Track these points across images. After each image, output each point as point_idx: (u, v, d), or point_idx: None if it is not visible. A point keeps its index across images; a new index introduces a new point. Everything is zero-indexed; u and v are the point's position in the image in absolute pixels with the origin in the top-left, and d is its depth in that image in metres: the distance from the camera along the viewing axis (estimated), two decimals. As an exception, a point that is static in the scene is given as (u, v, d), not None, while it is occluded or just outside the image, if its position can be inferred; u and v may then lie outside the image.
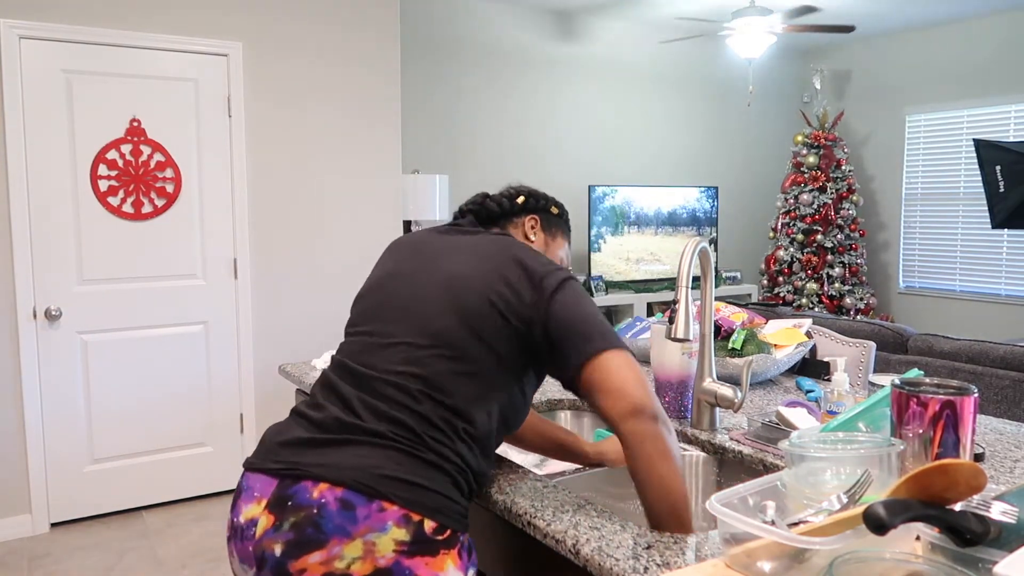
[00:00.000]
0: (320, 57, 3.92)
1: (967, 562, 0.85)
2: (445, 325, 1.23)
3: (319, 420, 1.20)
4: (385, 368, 1.22)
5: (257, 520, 1.14)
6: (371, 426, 1.16)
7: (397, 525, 1.09)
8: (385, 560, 1.08)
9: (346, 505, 1.09)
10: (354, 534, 1.08)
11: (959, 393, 1.13)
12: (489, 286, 1.25)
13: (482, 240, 1.36)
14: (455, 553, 1.14)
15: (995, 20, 5.66)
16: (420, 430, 1.16)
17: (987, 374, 3.01)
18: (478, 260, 1.30)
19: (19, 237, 3.31)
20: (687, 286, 1.45)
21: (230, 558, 1.21)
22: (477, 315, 1.22)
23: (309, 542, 1.08)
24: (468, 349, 1.21)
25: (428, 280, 1.30)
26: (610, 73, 5.84)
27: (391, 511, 1.09)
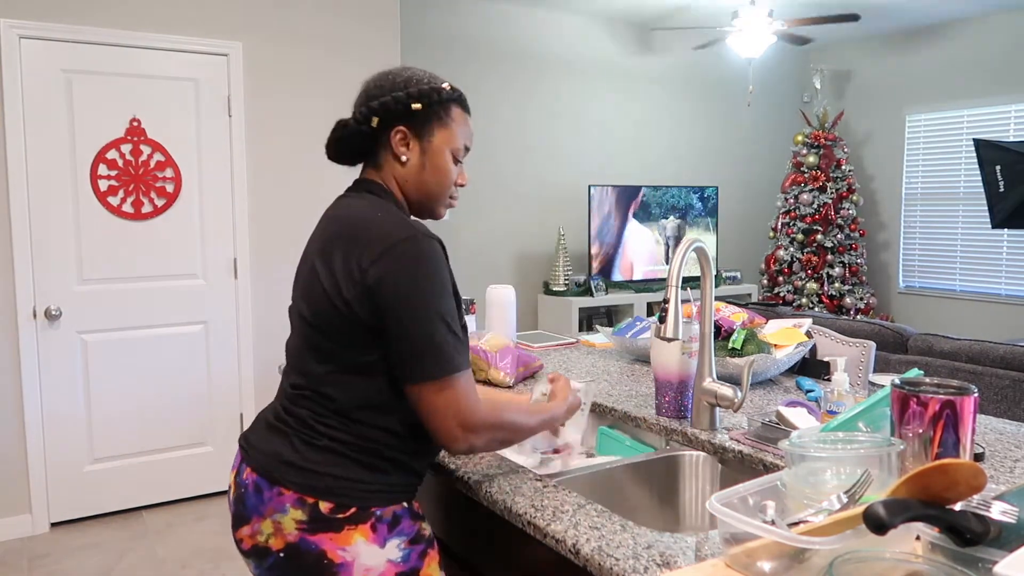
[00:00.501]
0: (320, 56, 3.92)
1: (967, 562, 0.85)
2: (308, 333, 1.30)
3: (275, 406, 1.35)
4: (289, 379, 1.34)
5: (231, 488, 1.34)
6: (285, 416, 1.30)
7: (294, 507, 1.22)
8: (292, 536, 1.22)
9: (257, 488, 1.26)
10: (265, 514, 1.24)
11: (959, 393, 1.13)
12: (328, 289, 1.25)
13: (332, 221, 1.33)
14: (366, 527, 1.23)
15: (995, 20, 5.66)
16: (312, 421, 1.26)
17: (987, 374, 3.01)
18: (323, 254, 1.29)
19: (19, 237, 3.31)
20: (677, 286, 1.45)
21: None
22: (322, 319, 1.26)
23: (241, 516, 1.28)
24: (331, 351, 1.26)
25: (301, 281, 1.35)
26: (610, 74, 5.84)
27: (288, 495, 1.22)
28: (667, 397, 1.72)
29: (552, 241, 5.69)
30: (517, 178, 5.50)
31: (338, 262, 1.24)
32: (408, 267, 1.20)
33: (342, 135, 1.35)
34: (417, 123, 1.34)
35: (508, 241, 5.51)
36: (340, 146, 1.37)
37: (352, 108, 1.38)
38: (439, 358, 1.21)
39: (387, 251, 1.20)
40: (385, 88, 1.34)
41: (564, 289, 5.41)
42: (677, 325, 1.44)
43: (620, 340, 2.37)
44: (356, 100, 1.36)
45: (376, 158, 1.36)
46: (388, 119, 1.33)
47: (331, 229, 1.30)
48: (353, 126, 1.34)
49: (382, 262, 1.20)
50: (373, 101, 1.33)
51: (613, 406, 1.84)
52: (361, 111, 1.33)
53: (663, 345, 1.70)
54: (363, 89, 1.37)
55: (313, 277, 1.28)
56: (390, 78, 1.36)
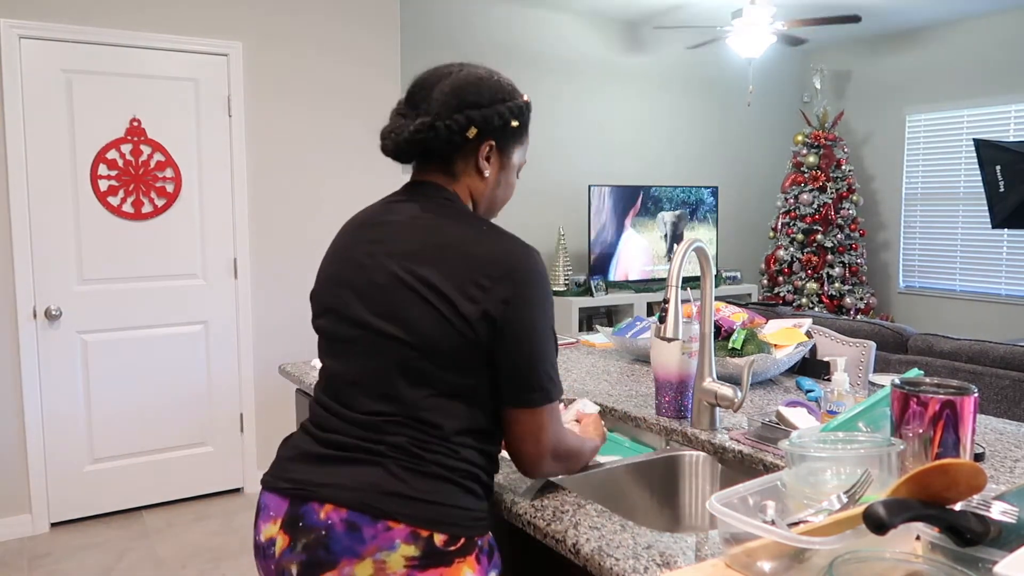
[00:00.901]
0: (320, 56, 3.92)
1: (967, 562, 0.85)
2: (401, 354, 1.16)
3: (325, 439, 1.18)
4: (361, 407, 1.18)
5: (275, 540, 1.15)
6: (369, 445, 1.14)
7: (405, 542, 1.08)
8: (397, 575, 1.08)
9: (352, 527, 1.09)
10: (363, 554, 1.08)
11: (959, 393, 1.13)
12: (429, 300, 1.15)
13: (409, 231, 1.21)
14: (472, 559, 1.12)
15: (995, 20, 5.66)
16: (414, 447, 1.13)
17: (987, 374, 3.01)
18: (417, 268, 1.17)
19: (19, 237, 3.31)
20: (677, 285, 1.45)
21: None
22: (426, 339, 1.14)
23: (321, 563, 1.09)
24: (431, 374, 1.15)
25: (380, 290, 1.20)
26: (609, 74, 5.84)
27: (398, 530, 1.08)
28: (667, 397, 1.72)
29: (552, 241, 5.69)
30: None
31: (447, 280, 1.13)
32: (533, 288, 1.16)
33: (424, 137, 1.21)
34: (506, 138, 1.27)
35: (508, 241, 5.50)
36: (412, 147, 1.23)
37: (411, 103, 1.26)
38: (555, 383, 1.19)
39: (511, 270, 1.14)
40: (485, 98, 1.23)
41: (564, 289, 5.41)
42: (677, 325, 1.44)
43: (620, 340, 2.37)
44: (437, 99, 1.22)
45: (452, 166, 1.25)
46: (485, 132, 1.23)
47: (418, 241, 1.18)
48: (444, 132, 1.20)
49: (507, 282, 1.14)
50: (473, 111, 1.21)
51: (613, 406, 1.84)
52: (457, 119, 1.20)
53: (663, 345, 1.70)
54: (450, 90, 1.22)
55: (408, 294, 1.15)
56: (489, 86, 1.24)
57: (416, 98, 1.25)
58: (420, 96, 1.24)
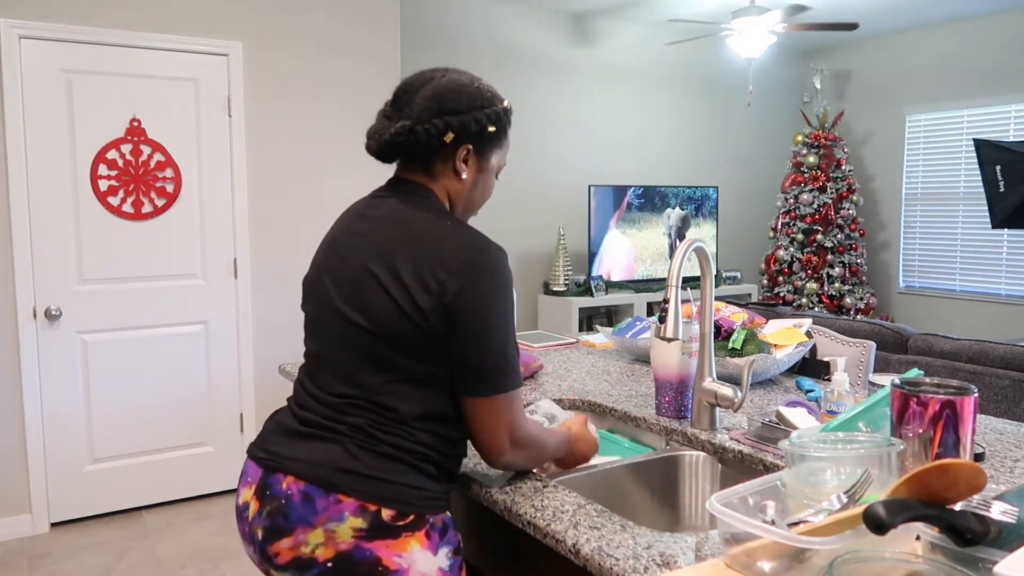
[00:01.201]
0: (320, 56, 3.92)
1: (967, 562, 0.85)
2: (364, 341, 1.24)
3: (300, 415, 1.28)
4: (329, 388, 1.27)
5: (249, 504, 1.26)
6: (331, 424, 1.23)
7: (354, 515, 1.17)
8: (345, 544, 1.17)
9: (307, 498, 1.19)
10: (315, 523, 1.18)
11: (959, 393, 1.13)
12: (394, 293, 1.22)
13: (384, 224, 1.28)
14: (421, 534, 1.20)
15: (995, 20, 5.66)
16: (371, 428, 1.22)
17: (987, 374, 3.01)
18: (384, 261, 1.24)
19: (19, 237, 3.31)
20: (677, 285, 1.45)
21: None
22: (387, 328, 1.22)
23: (280, 529, 1.20)
24: (392, 361, 1.22)
25: (351, 282, 1.28)
26: (610, 73, 5.84)
27: (347, 503, 1.18)
28: (667, 397, 1.72)
29: (552, 241, 5.69)
30: (517, 178, 5.50)
31: (408, 270, 1.21)
32: (487, 280, 1.21)
33: (404, 140, 1.28)
34: (483, 143, 1.34)
35: (508, 241, 5.51)
36: (393, 149, 1.31)
37: (396, 105, 1.31)
38: (510, 374, 1.24)
39: (468, 264, 1.20)
40: (464, 104, 1.30)
41: (564, 289, 5.41)
42: (677, 325, 1.44)
43: (620, 340, 2.37)
44: (419, 104, 1.29)
45: (431, 167, 1.32)
46: (462, 137, 1.30)
47: (386, 232, 1.26)
48: (423, 136, 1.28)
49: (462, 274, 1.19)
50: (451, 117, 1.28)
51: (613, 406, 1.84)
52: (436, 124, 1.28)
53: (663, 345, 1.70)
54: (431, 96, 1.29)
55: (372, 283, 1.23)
56: (468, 93, 1.31)
57: (400, 101, 1.32)
58: (404, 100, 1.31)
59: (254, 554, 1.25)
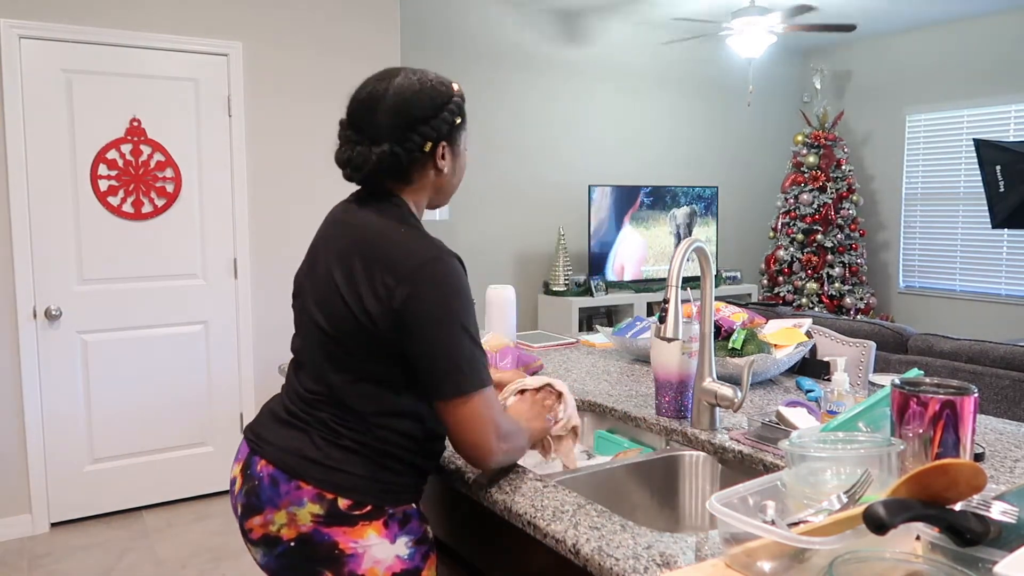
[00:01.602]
0: (320, 55, 3.92)
1: (967, 562, 0.85)
2: (324, 342, 1.30)
3: (285, 404, 1.36)
4: (304, 383, 1.35)
5: (236, 480, 1.36)
6: (303, 415, 1.32)
7: (312, 501, 1.25)
8: (306, 528, 1.25)
9: (273, 481, 1.28)
10: (280, 505, 1.27)
11: (959, 393, 1.13)
12: (348, 302, 1.26)
13: (349, 229, 1.32)
14: (379, 523, 1.27)
15: (995, 20, 5.66)
16: (333, 424, 1.29)
17: (987, 374, 3.01)
18: (342, 265, 1.29)
19: (19, 237, 3.31)
20: (677, 285, 1.46)
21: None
22: (342, 331, 1.27)
23: (253, 507, 1.30)
24: (348, 362, 1.28)
25: (316, 288, 1.34)
26: (610, 73, 5.84)
27: (306, 490, 1.26)
28: (667, 397, 1.72)
29: (552, 241, 5.69)
30: (517, 178, 5.50)
31: (360, 277, 1.25)
32: (436, 288, 1.22)
33: (389, 164, 1.29)
34: (454, 135, 1.36)
35: (508, 241, 5.51)
36: (379, 174, 1.32)
37: (355, 126, 1.32)
38: (470, 374, 1.25)
39: (414, 272, 1.22)
40: (428, 108, 1.30)
41: (564, 289, 5.41)
42: (677, 325, 1.44)
43: (620, 340, 2.37)
44: (384, 123, 1.28)
45: (408, 175, 1.33)
46: (438, 140, 1.32)
47: (348, 238, 1.31)
48: (404, 156, 1.29)
49: (409, 283, 1.22)
50: (423, 127, 1.29)
51: (613, 406, 1.84)
52: (413, 139, 1.29)
53: (663, 345, 1.70)
54: (394, 111, 1.28)
55: (332, 288, 1.29)
56: (427, 95, 1.31)
57: (361, 121, 1.31)
58: (365, 119, 1.31)
59: (239, 526, 1.35)
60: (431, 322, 1.22)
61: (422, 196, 1.38)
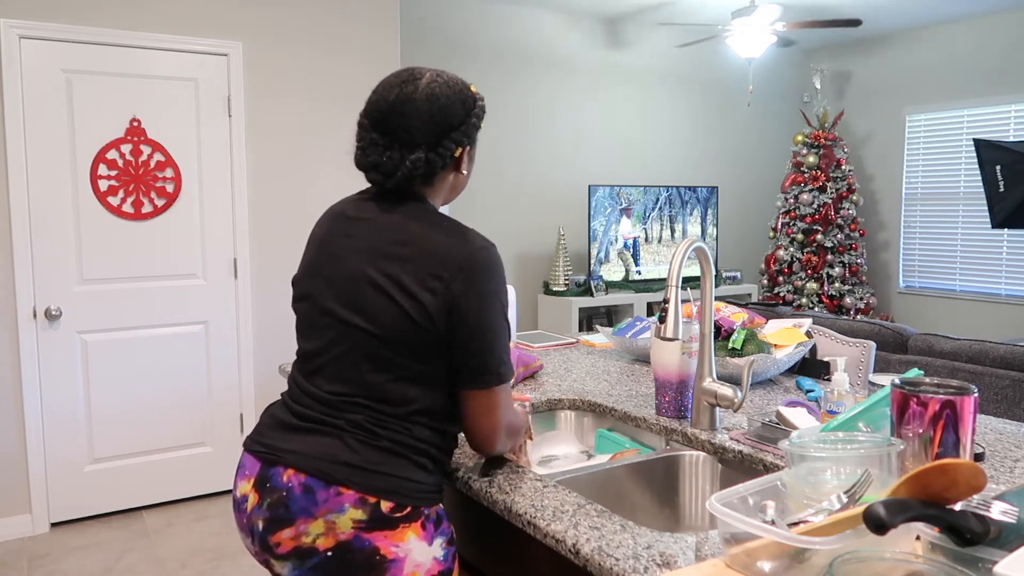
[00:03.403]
0: (320, 55, 3.92)
1: (967, 562, 0.85)
2: (366, 343, 1.27)
3: (296, 411, 1.31)
4: (322, 386, 1.30)
5: (248, 496, 1.28)
6: (330, 419, 1.27)
7: (354, 506, 1.21)
8: (345, 535, 1.21)
9: (308, 490, 1.22)
10: (316, 514, 1.21)
11: (959, 393, 1.13)
12: (397, 293, 1.25)
13: (379, 228, 1.31)
14: (417, 525, 1.25)
15: (995, 20, 5.66)
16: (370, 424, 1.26)
17: (987, 374, 3.01)
18: (382, 265, 1.27)
19: (19, 237, 3.31)
20: (677, 285, 1.46)
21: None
22: (392, 331, 1.25)
23: (281, 520, 1.23)
24: (392, 361, 1.26)
25: (347, 284, 1.31)
26: (609, 73, 5.84)
27: (348, 495, 1.21)
28: (667, 397, 1.72)
29: (552, 241, 5.69)
30: (517, 178, 5.51)
31: (410, 275, 1.24)
32: (487, 279, 1.26)
33: (423, 172, 1.30)
34: (475, 137, 1.38)
35: (508, 241, 5.51)
36: (412, 181, 1.31)
37: (385, 130, 1.29)
38: (505, 366, 1.30)
39: (465, 263, 1.24)
40: (459, 114, 1.32)
41: (564, 289, 5.41)
42: (677, 325, 1.44)
43: (620, 340, 2.37)
44: (418, 128, 1.28)
45: (432, 177, 1.34)
46: (465, 144, 1.34)
47: (381, 237, 1.29)
48: (438, 162, 1.30)
49: (462, 275, 1.24)
50: (456, 133, 1.31)
51: (613, 406, 1.84)
52: (447, 146, 1.30)
53: (663, 345, 1.70)
54: (428, 117, 1.28)
55: (371, 288, 1.26)
56: (459, 100, 1.32)
57: (391, 125, 1.29)
58: (396, 124, 1.29)
59: (252, 544, 1.28)
60: (482, 315, 1.25)
61: (438, 195, 1.39)
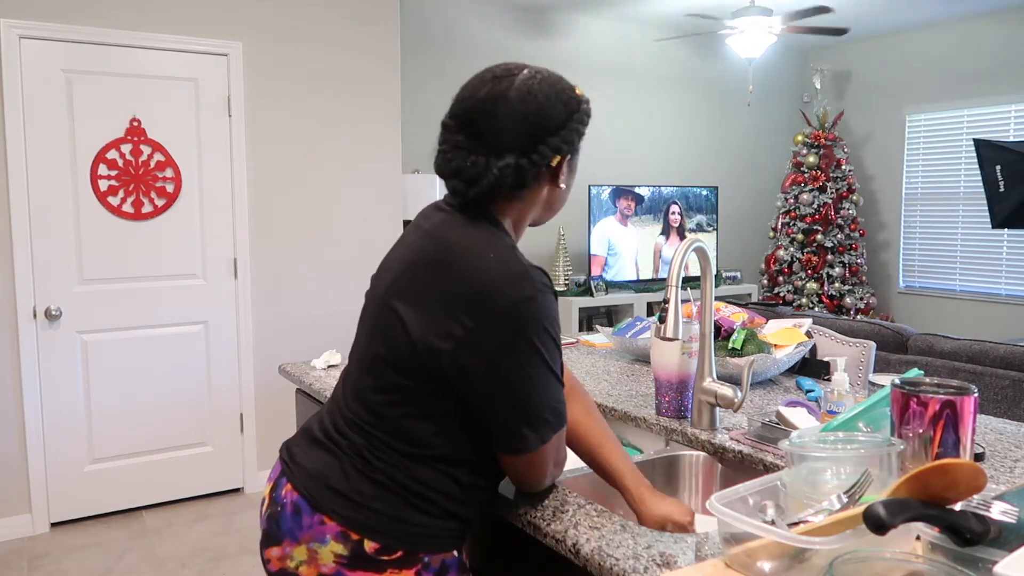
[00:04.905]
0: (320, 55, 3.92)
1: (967, 562, 0.85)
2: (376, 356, 1.17)
3: (322, 419, 1.24)
4: (346, 399, 1.22)
5: (265, 500, 1.24)
6: (338, 436, 1.18)
7: (335, 540, 1.11)
8: (327, 568, 1.12)
9: (296, 510, 1.15)
10: (301, 539, 1.14)
11: (959, 393, 1.13)
12: (423, 332, 1.11)
13: (423, 243, 1.17)
14: (410, 572, 1.12)
15: (995, 20, 5.66)
16: (367, 453, 1.14)
17: (987, 374, 3.01)
18: (416, 289, 1.14)
19: (19, 237, 3.31)
20: (677, 285, 1.45)
21: None
22: (398, 357, 1.13)
23: (272, 536, 1.18)
24: (400, 392, 1.13)
25: (376, 299, 1.21)
26: (610, 73, 5.84)
27: (330, 526, 1.12)
28: (667, 397, 1.72)
29: (552, 241, 5.69)
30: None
31: (429, 306, 1.10)
32: (520, 331, 1.07)
33: (512, 180, 1.12)
34: (577, 146, 1.19)
35: (508, 241, 5.50)
36: (498, 189, 1.14)
37: (472, 132, 1.14)
38: (555, 419, 1.13)
39: (502, 315, 1.07)
40: (559, 117, 1.14)
41: (564, 289, 5.42)
42: (677, 325, 1.44)
43: (620, 340, 2.37)
44: (509, 131, 1.11)
45: (522, 189, 1.16)
46: (566, 153, 1.16)
47: (423, 254, 1.15)
48: (530, 169, 1.13)
49: (493, 325, 1.07)
50: (553, 138, 1.13)
51: (613, 406, 1.84)
52: (543, 151, 1.13)
53: (663, 345, 1.70)
54: (522, 118, 1.11)
55: (390, 310, 1.15)
56: (560, 101, 1.14)
57: (478, 127, 1.13)
58: (484, 124, 1.13)
59: (260, 551, 1.24)
60: (518, 368, 1.07)
61: (528, 212, 1.21)
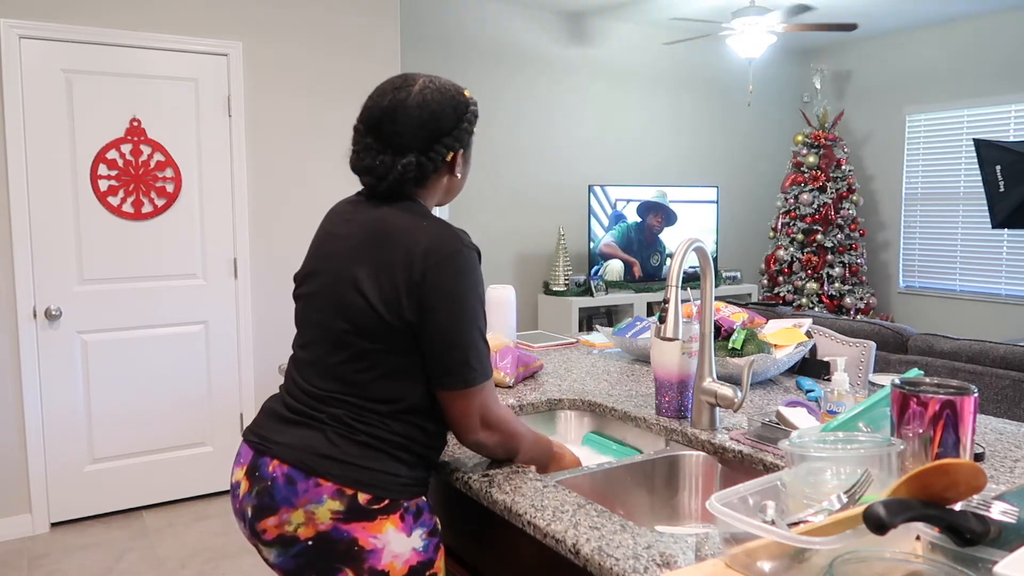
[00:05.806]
0: (320, 55, 3.92)
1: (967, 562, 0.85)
2: (349, 341, 1.31)
3: (288, 403, 1.37)
4: (311, 381, 1.35)
5: (240, 483, 1.35)
6: (315, 413, 1.32)
7: (332, 498, 1.26)
8: (324, 525, 1.26)
9: (290, 480, 1.28)
10: (297, 504, 1.27)
11: (959, 393, 1.13)
12: (372, 290, 1.29)
13: (363, 225, 1.35)
14: (396, 517, 1.29)
15: (995, 20, 5.66)
16: (350, 419, 1.30)
17: (987, 374, 3.01)
18: (358, 259, 1.32)
19: (19, 237, 3.31)
20: (677, 285, 1.46)
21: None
22: (370, 327, 1.29)
23: (266, 508, 1.29)
24: (368, 357, 1.30)
25: (332, 283, 1.35)
26: (610, 73, 5.84)
27: (326, 487, 1.27)
28: (667, 397, 1.72)
29: (552, 241, 5.69)
30: (517, 178, 5.50)
31: (387, 272, 1.28)
32: (460, 278, 1.28)
33: (413, 175, 1.34)
34: (469, 141, 1.42)
35: (508, 241, 5.51)
36: (404, 184, 1.35)
37: (378, 135, 1.34)
38: (478, 367, 1.31)
39: (442, 261, 1.27)
40: (451, 119, 1.36)
41: (564, 289, 5.41)
42: (677, 325, 1.44)
43: (620, 340, 2.37)
44: (410, 133, 1.33)
45: (424, 181, 1.38)
46: (457, 148, 1.38)
47: (368, 235, 1.32)
48: (430, 166, 1.35)
49: (436, 270, 1.26)
50: (447, 138, 1.35)
51: (613, 406, 1.84)
52: (438, 150, 1.35)
53: (663, 345, 1.70)
54: (419, 123, 1.33)
55: (350, 285, 1.30)
56: (450, 106, 1.36)
57: (383, 131, 1.34)
58: (387, 129, 1.34)
59: (244, 529, 1.35)
60: (450, 313, 1.27)
61: (432, 197, 1.43)
